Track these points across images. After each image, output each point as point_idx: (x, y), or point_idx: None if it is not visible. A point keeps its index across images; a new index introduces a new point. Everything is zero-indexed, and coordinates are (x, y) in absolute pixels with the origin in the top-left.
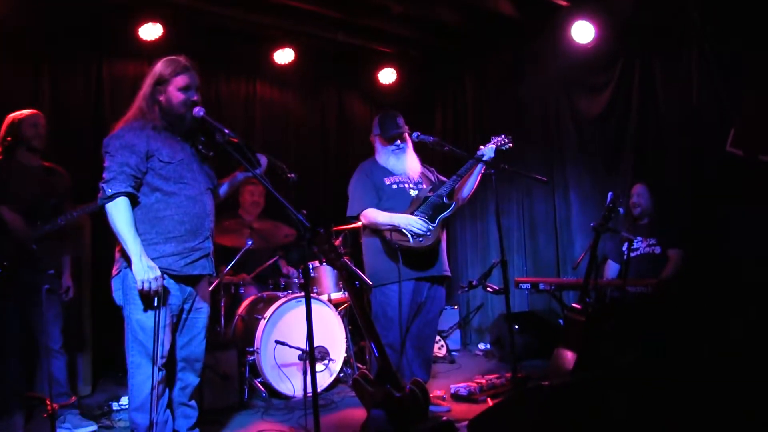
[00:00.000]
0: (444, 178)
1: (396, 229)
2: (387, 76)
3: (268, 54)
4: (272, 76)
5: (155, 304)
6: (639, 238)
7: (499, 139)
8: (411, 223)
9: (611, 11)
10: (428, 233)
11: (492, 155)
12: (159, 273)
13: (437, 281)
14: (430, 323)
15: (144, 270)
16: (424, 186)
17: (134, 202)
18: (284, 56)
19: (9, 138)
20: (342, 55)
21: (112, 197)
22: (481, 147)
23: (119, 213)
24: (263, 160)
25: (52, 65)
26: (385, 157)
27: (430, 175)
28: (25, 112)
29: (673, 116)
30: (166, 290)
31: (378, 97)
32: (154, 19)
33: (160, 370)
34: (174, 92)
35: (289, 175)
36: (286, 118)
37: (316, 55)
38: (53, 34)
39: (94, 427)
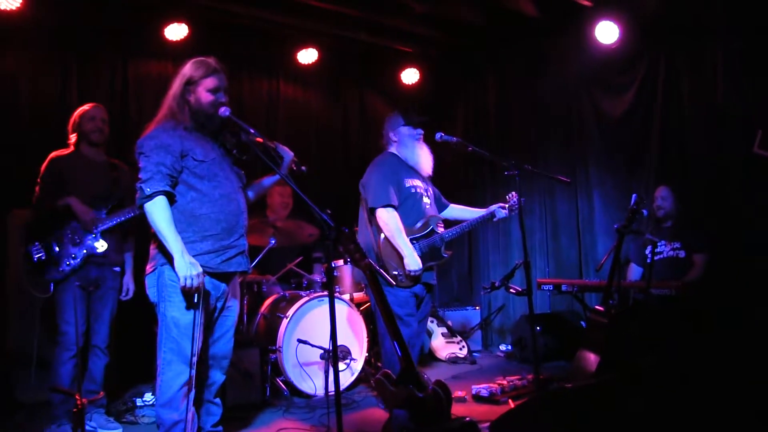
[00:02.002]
0: (438, 191)
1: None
2: (409, 76)
3: (292, 54)
4: (295, 75)
5: (195, 301)
6: (663, 242)
7: (514, 202)
8: (413, 267)
9: (636, 10)
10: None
11: (504, 216)
12: (201, 270)
13: (427, 288)
14: (423, 322)
15: (186, 266)
16: (431, 192)
17: (171, 201)
18: (308, 56)
19: (74, 132)
20: (364, 55)
21: (151, 196)
22: (499, 206)
23: (159, 211)
24: (286, 155)
25: (80, 64)
26: (410, 145)
27: (432, 185)
28: (86, 106)
29: (697, 116)
30: (205, 289)
31: (400, 96)
32: (179, 20)
33: (191, 367)
34: (203, 93)
35: (301, 168)
36: (308, 117)
37: (339, 55)
38: (81, 33)
39: (120, 430)
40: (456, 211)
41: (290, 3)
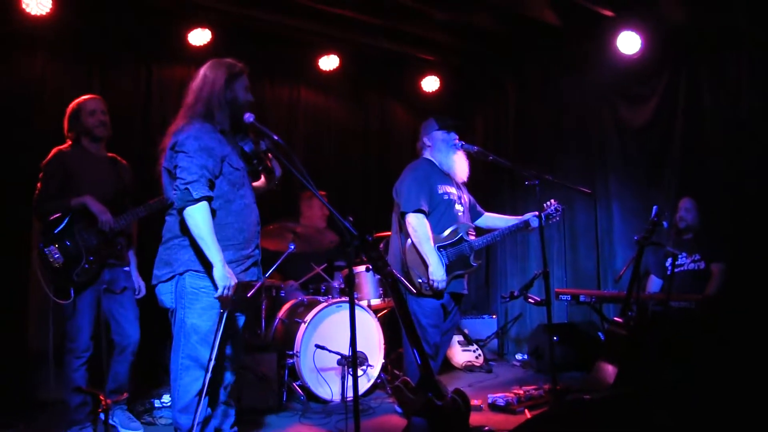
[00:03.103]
0: (473, 199)
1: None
2: (430, 83)
3: (313, 60)
4: (316, 82)
5: (221, 309)
6: (683, 254)
7: (552, 210)
8: (438, 278)
9: (658, 21)
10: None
11: (538, 225)
12: (236, 280)
13: (456, 299)
14: (448, 332)
15: (225, 277)
16: (465, 199)
17: None
18: (329, 62)
19: (72, 128)
20: (385, 63)
21: (197, 201)
22: (534, 214)
23: (203, 218)
24: (277, 170)
25: (104, 68)
26: (445, 150)
27: (466, 193)
28: (84, 97)
29: (720, 127)
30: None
31: (420, 103)
32: (202, 25)
33: (208, 372)
34: (242, 92)
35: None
36: (328, 124)
37: (360, 62)
38: (105, 37)
39: (141, 430)
40: (491, 219)
41: (313, 10)
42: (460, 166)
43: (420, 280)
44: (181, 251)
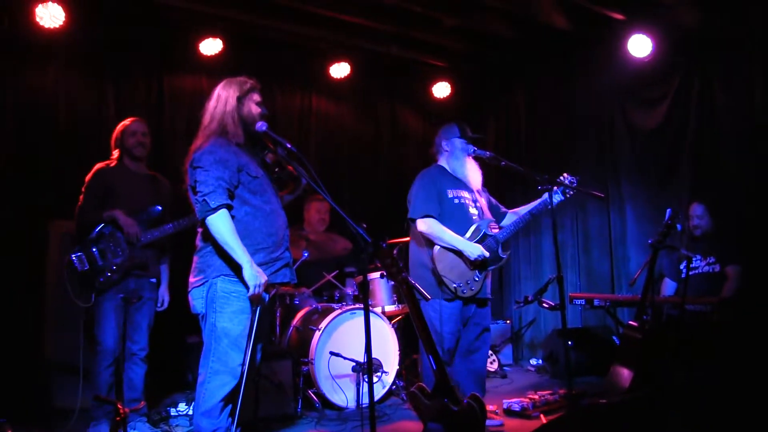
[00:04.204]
0: (494, 200)
1: (453, 251)
2: (441, 89)
3: (324, 68)
4: (328, 89)
5: (254, 308)
6: (698, 257)
7: (567, 182)
8: (475, 251)
9: (669, 23)
10: (477, 279)
11: (554, 204)
12: (266, 278)
13: (483, 303)
14: (480, 338)
15: (255, 276)
16: (483, 201)
17: None
18: (340, 70)
19: (117, 147)
20: (396, 69)
21: (215, 209)
22: (546, 193)
23: (224, 224)
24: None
25: (116, 77)
26: (461, 158)
27: (486, 195)
28: (127, 121)
29: (732, 130)
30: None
31: (431, 109)
32: (214, 35)
33: (240, 377)
34: (253, 106)
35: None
36: (340, 131)
37: (371, 69)
38: (118, 48)
39: None
40: (513, 216)
41: (323, 17)
42: (473, 175)
43: (455, 285)
44: (213, 258)
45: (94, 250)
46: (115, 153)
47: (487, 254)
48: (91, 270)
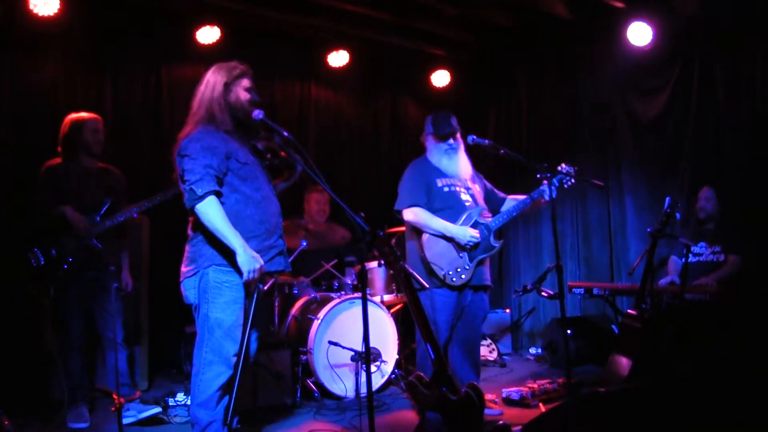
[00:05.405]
0: (489, 185)
1: (444, 238)
2: (441, 78)
3: (323, 57)
4: (327, 78)
5: (249, 294)
6: (703, 244)
7: (565, 170)
8: (466, 234)
9: (671, 11)
10: (467, 267)
11: (554, 195)
12: (262, 262)
13: (480, 289)
14: (477, 327)
15: (250, 261)
16: (477, 189)
17: None
18: (339, 59)
19: (70, 141)
20: (396, 58)
21: (202, 197)
22: (545, 182)
23: (213, 210)
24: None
25: (114, 68)
26: (437, 156)
27: (480, 182)
28: (85, 115)
29: (733, 119)
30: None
31: (431, 99)
32: (211, 23)
33: (235, 369)
34: (241, 92)
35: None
36: (339, 120)
37: (370, 58)
38: (115, 37)
39: (159, 409)
40: (512, 202)
41: (322, 6)
42: (453, 169)
43: (443, 272)
44: (205, 247)
45: (48, 245)
46: (67, 147)
47: (477, 234)
48: (47, 265)
